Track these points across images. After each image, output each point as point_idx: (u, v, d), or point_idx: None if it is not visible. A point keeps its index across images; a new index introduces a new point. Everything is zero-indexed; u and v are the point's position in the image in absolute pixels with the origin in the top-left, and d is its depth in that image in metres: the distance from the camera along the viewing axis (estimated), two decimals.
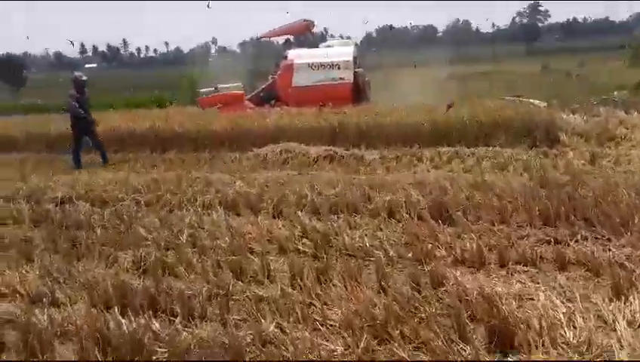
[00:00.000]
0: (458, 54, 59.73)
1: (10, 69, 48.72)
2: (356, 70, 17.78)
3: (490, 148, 10.09)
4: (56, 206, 6.52)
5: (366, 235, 4.88)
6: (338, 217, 5.41)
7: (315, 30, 20.90)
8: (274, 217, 5.70)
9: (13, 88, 44.52)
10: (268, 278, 4.16)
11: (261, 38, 24.00)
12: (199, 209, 5.99)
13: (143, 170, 9.92)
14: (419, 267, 4.15)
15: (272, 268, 4.32)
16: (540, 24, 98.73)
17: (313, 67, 17.21)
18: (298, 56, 18.19)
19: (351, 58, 17.56)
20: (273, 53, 22.40)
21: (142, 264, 4.48)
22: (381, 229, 5.02)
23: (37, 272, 4.47)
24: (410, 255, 4.37)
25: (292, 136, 11.44)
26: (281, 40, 22.50)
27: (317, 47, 19.68)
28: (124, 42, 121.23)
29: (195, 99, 18.78)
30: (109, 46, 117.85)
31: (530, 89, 20.41)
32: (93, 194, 6.77)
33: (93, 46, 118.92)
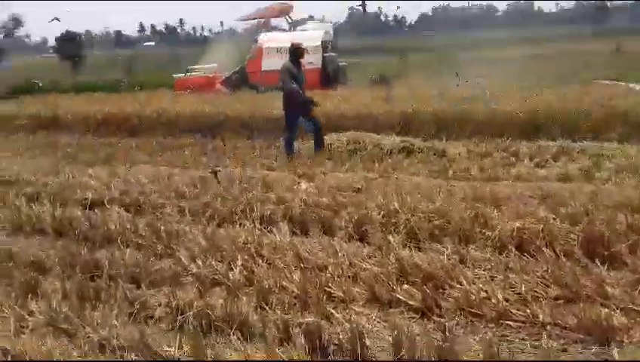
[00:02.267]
0: (521, 35, 56.28)
1: (68, 47, 49.13)
2: (325, 55, 16.93)
3: (602, 143, 8.34)
4: (85, 209, 5.35)
5: (492, 279, 3.41)
6: (444, 247, 3.94)
7: (293, 13, 20.08)
8: (354, 239, 4.30)
9: (72, 65, 44.84)
10: (360, 356, 2.76)
11: (240, 20, 23.47)
12: (256, 223, 4.65)
13: (190, 159, 8.77)
14: (599, 350, 2.67)
15: (364, 332, 2.91)
16: (608, 3, 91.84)
17: (281, 51, 16.18)
18: (268, 40, 17.76)
19: (319, 42, 16.99)
20: None
21: (178, 315, 3.17)
22: (512, 270, 3.52)
23: (39, 317, 3.26)
24: (573, 322, 2.88)
25: (357, 124, 10.02)
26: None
27: (295, 30, 18.97)
28: (181, 21, 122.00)
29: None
30: (166, 25, 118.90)
31: (610, 71, 18.13)
32: (130, 197, 5.54)
33: (152, 25, 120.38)
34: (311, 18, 22.75)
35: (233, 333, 2.99)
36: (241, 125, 10.88)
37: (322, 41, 17.29)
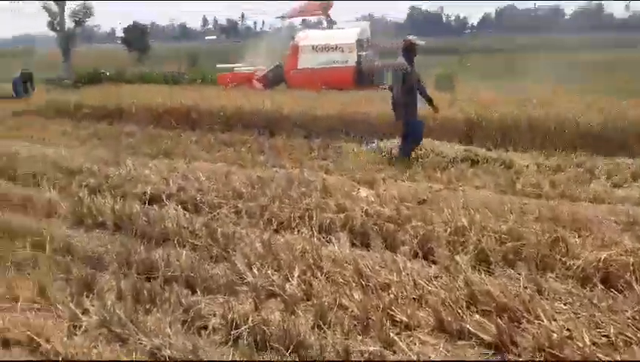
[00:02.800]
0: (591, 39, 53.59)
1: (135, 39, 50.79)
2: (361, 53, 16.49)
3: None
4: (144, 204, 5.33)
5: (577, 317, 3.08)
6: (518, 273, 3.62)
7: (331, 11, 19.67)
8: (419, 257, 4.03)
9: (137, 56, 46.29)
10: None
11: (279, 17, 23.69)
12: (315, 231, 4.46)
13: (248, 157, 8.71)
14: None
15: None
16: None
17: (317, 49, 16.56)
18: (304, 38, 17.59)
19: (354, 41, 16.59)
20: None
21: (232, 329, 3.02)
22: (597, 307, 3.17)
23: (93, 318, 3.19)
24: None
25: None
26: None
27: (331, 29, 18.62)
28: (242, 16, 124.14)
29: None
30: (228, 19, 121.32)
31: None
32: (187, 194, 5.48)
33: (214, 19, 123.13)
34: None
35: (289, 354, 2.82)
36: (298, 124, 10.73)
37: (357, 40, 16.91)
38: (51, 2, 23.24)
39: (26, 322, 3.12)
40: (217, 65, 19.94)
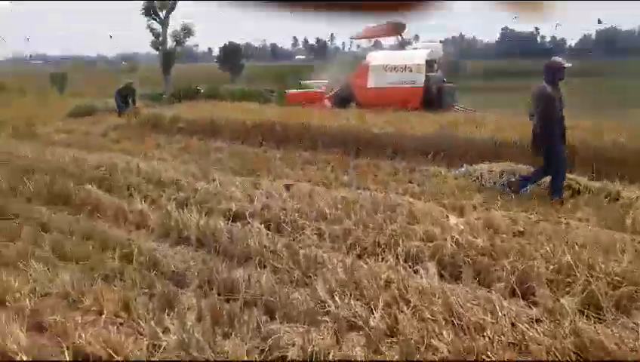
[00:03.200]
0: None
1: (229, 57, 53.13)
2: (429, 74, 16.28)
3: None
4: (228, 221, 5.34)
5: None
6: (635, 323, 3.16)
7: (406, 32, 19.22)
8: (516, 296, 3.66)
9: (231, 74, 48.31)
10: None
11: (352, 38, 23.56)
12: (401, 260, 4.21)
13: (331, 176, 8.61)
14: None
15: None
16: None
17: (387, 69, 16.55)
18: (375, 57, 17.51)
19: (423, 61, 16.30)
20: None
21: None
22: None
23: (172, 338, 3.14)
24: None
25: (508, 153, 9.12)
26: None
27: (404, 49, 18.28)
28: (332, 36, 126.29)
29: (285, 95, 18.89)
30: (317, 39, 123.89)
31: None
32: (270, 213, 5.43)
33: (304, 39, 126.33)
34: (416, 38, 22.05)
35: None
36: (383, 144, 10.50)
37: (427, 60, 16.65)
38: (154, 22, 24.70)
39: (107, 337, 3.12)
40: (286, 91, 20.20)
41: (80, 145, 12.07)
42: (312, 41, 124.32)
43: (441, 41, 24.43)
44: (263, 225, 5.11)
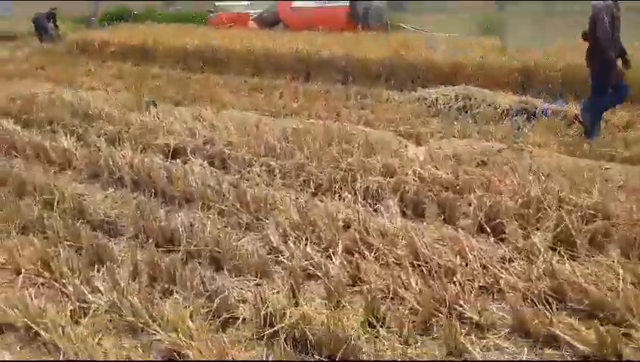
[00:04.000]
0: None
1: None
2: None
3: None
4: (166, 158, 4.79)
5: None
6: (611, 260, 2.96)
7: None
8: (485, 233, 3.38)
9: None
10: None
11: None
12: (359, 197, 3.85)
13: (279, 104, 8.08)
14: None
15: None
16: None
17: None
18: None
19: None
20: None
21: (266, 326, 2.49)
22: None
23: (101, 301, 2.70)
24: None
25: (462, 76, 8.81)
26: None
27: None
28: None
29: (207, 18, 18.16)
30: None
31: None
32: (214, 148, 4.90)
33: None
34: None
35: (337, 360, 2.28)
36: (335, 68, 9.92)
37: None
38: None
39: (24, 302, 2.64)
40: (216, 4, 18.92)
41: None
42: None
43: None
44: (206, 162, 4.60)
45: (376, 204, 3.76)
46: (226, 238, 3.24)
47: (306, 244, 3.21)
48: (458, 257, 2.99)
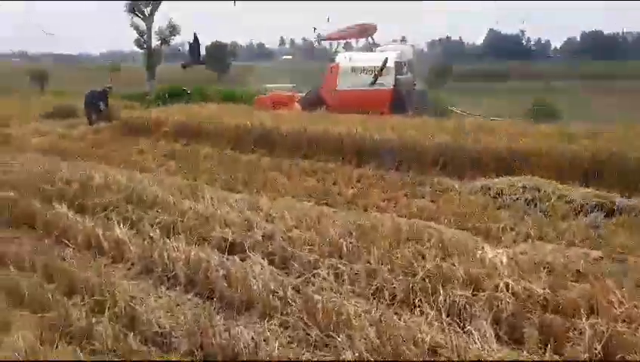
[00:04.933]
0: None
1: (216, 56, 51.95)
2: (399, 77, 15.85)
3: None
4: (223, 254, 4.45)
5: None
6: None
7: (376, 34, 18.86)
8: None
9: (217, 74, 47.21)
10: None
11: (321, 40, 23.28)
12: (443, 315, 3.36)
13: (334, 190, 7.77)
14: None
15: None
16: None
17: (356, 71, 16.08)
18: (344, 59, 17.01)
19: (392, 63, 15.76)
20: None
21: None
22: None
23: None
24: None
25: (526, 165, 8.34)
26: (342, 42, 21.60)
27: (373, 51, 17.70)
28: (318, 36, 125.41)
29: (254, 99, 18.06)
30: (304, 39, 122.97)
31: None
32: (274, 244, 4.55)
33: (291, 39, 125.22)
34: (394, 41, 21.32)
35: None
36: (389, 153, 9.64)
37: (396, 62, 16.10)
38: (139, 19, 23.60)
39: None
40: (267, 86, 19.35)
41: (55, 150, 11.06)
42: (298, 40, 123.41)
43: (412, 45, 24.20)
44: (265, 261, 4.22)
45: (464, 324, 3.25)
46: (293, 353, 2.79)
47: None
48: None
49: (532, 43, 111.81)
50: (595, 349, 2.86)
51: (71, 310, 3.50)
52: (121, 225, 5.07)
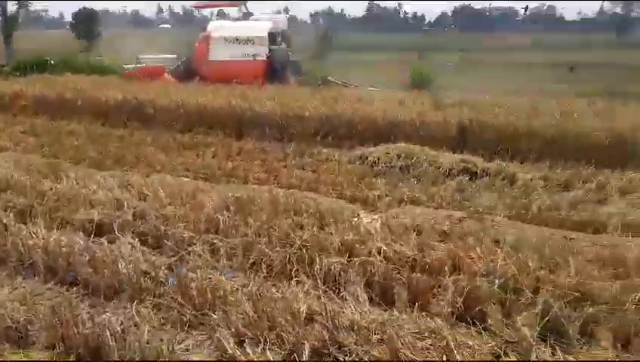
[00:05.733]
0: (543, 41, 54.35)
1: (84, 24, 47.92)
2: (273, 47, 16.49)
3: None
4: (89, 237, 4.12)
5: None
6: (604, 348, 2.69)
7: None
8: (464, 322, 3.03)
9: (86, 43, 43.65)
10: None
11: (195, 7, 23.71)
12: (320, 282, 3.39)
13: (214, 164, 7.56)
14: None
15: None
16: (633, 15, 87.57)
17: (229, 41, 16.29)
18: (216, 28, 17.15)
19: (266, 34, 16.42)
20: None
21: None
22: None
23: None
24: None
25: (402, 133, 8.75)
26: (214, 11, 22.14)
27: (246, 20, 18.43)
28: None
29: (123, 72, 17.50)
30: (183, 7, 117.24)
31: None
32: (147, 223, 4.29)
33: (169, 7, 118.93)
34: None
35: None
36: (270, 124, 9.56)
37: (269, 33, 16.42)
38: None
39: None
40: (140, 56, 18.26)
41: None
42: (178, 9, 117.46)
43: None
44: (137, 241, 3.98)
45: (339, 290, 3.32)
46: (167, 346, 2.66)
47: (264, 348, 2.71)
48: (445, 356, 2.60)
49: (409, 16, 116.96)
50: (457, 303, 3.06)
51: None
52: None
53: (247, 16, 18.70)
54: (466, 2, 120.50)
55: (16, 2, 22.40)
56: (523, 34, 66.21)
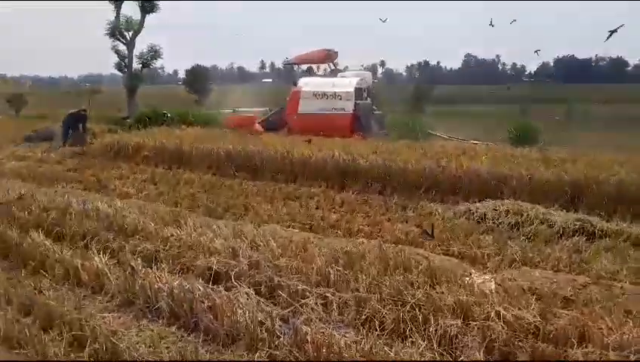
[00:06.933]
0: None
1: (196, 79, 51.93)
2: (358, 102, 16.85)
3: None
4: (208, 283, 4.33)
5: None
6: None
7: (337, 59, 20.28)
8: None
9: (198, 97, 47.12)
10: None
11: (286, 64, 24.70)
12: (435, 344, 3.30)
13: (317, 215, 7.70)
14: None
15: None
16: None
17: (318, 96, 17.04)
18: (306, 84, 17.98)
19: (352, 89, 16.89)
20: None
21: None
22: None
23: None
24: None
25: (509, 189, 8.43)
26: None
27: (335, 76, 18.83)
28: (286, 59, 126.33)
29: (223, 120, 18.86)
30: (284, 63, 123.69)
31: None
32: (261, 273, 4.45)
33: (271, 62, 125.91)
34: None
35: None
36: (372, 176, 9.64)
37: (356, 88, 17.01)
38: (120, 43, 23.44)
39: None
40: (237, 109, 19.91)
41: (32, 175, 10.81)
42: (278, 64, 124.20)
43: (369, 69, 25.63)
44: (252, 290, 4.13)
45: (456, 354, 3.20)
46: None
47: None
48: None
49: (508, 67, 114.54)
50: None
51: (48, 346, 3.35)
52: (101, 255, 4.92)
53: (335, 73, 19.77)
54: (569, 53, 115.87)
55: (141, 62, 24.74)
56: (634, 84, 62.23)
